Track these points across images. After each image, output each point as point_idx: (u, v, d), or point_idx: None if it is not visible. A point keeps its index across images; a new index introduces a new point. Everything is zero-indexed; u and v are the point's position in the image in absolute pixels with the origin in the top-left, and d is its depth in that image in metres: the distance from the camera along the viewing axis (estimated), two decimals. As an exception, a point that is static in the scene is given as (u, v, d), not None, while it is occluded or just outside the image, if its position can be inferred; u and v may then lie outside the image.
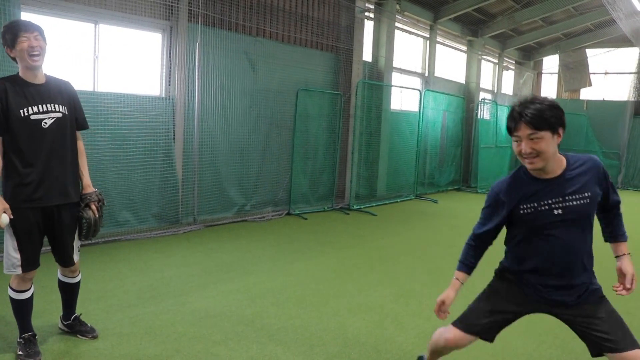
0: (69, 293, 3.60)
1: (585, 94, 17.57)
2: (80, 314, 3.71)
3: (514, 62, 17.91)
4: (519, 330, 4.24)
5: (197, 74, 7.14)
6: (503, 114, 15.47)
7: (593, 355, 2.56)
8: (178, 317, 4.07)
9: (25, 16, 5.59)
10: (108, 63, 6.54)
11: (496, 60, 16.68)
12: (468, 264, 2.71)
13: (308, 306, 4.48)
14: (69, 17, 6.09)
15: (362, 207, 9.61)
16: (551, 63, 18.59)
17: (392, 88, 11.02)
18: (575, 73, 17.42)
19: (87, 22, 6.28)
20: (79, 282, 3.62)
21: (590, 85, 17.28)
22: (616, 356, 2.44)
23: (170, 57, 7.06)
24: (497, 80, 16.90)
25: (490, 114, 14.25)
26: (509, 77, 17.98)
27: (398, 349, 3.73)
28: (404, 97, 12.09)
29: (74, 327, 3.64)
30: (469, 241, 2.73)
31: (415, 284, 5.29)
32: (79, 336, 3.61)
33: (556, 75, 18.53)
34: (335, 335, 3.91)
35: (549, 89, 18.99)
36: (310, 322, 4.12)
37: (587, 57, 17.12)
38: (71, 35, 6.21)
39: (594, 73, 17.28)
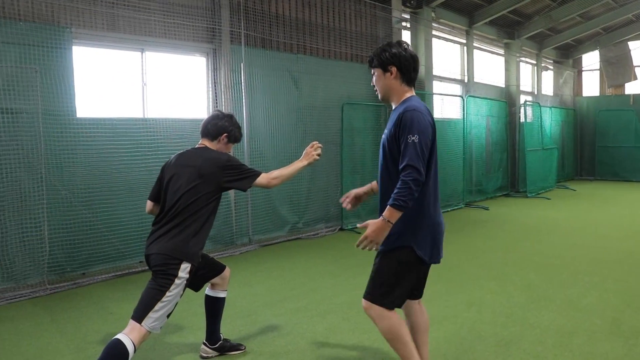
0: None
1: (631, 88, 16.99)
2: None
3: (552, 61, 17.49)
4: (604, 331, 4.01)
5: (243, 94, 7.15)
6: (546, 116, 15.04)
7: None
8: (250, 337, 3.99)
9: (77, 50, 5.72)
10: (156, 89, 6.62)
11: (534, 62, 16.31)
12: None
13: (380, 319, 4.33)
14: (117, 47, 6.21)
15: (413, 218, 9.39)
16: (591, 59, 18.02)
17: (434, 96, 10.86)
18: (618, 68, 16.87)
19: (134, 50, 6.39)
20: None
21: (635, 79, 16.68)
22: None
23: (215, 79, 7.11)
24: (537, 82, 16.49)
25: (534, 116, 13.87)
26: (548, 77, 17.55)
27: (480, 359, 3.55)
28: (445, 105, 11.89)
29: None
30: None
31: (484, 291, 5.08)
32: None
33: (598, 72, 17.99)
34: (415, 347, 3.75)
35: (591, 86, 18.40)
36: (386, 336, 3.97)
37: (630, 50, 16.57)
38: (120, 64, 6.32)
39: (639, 66, 16.69)
